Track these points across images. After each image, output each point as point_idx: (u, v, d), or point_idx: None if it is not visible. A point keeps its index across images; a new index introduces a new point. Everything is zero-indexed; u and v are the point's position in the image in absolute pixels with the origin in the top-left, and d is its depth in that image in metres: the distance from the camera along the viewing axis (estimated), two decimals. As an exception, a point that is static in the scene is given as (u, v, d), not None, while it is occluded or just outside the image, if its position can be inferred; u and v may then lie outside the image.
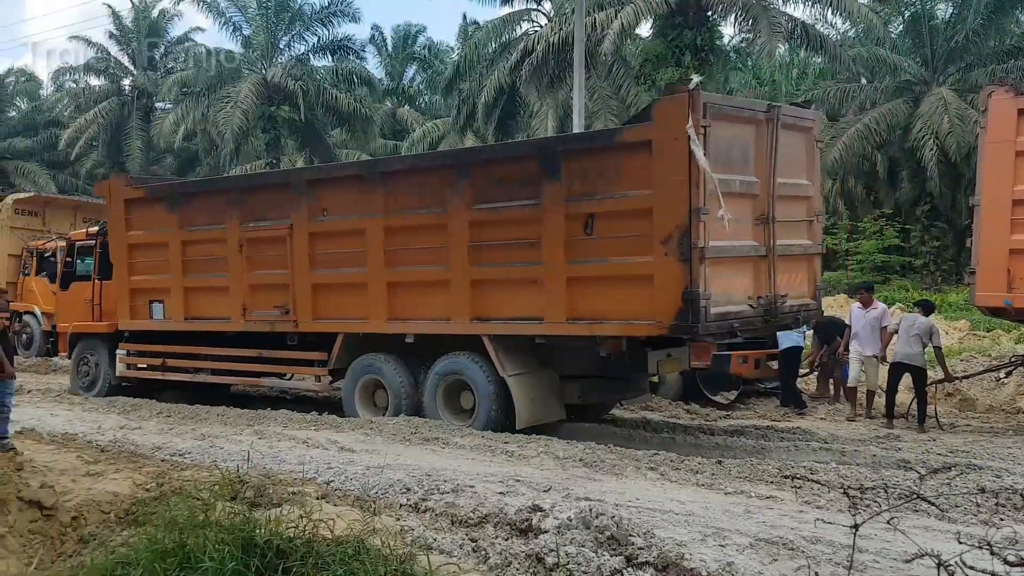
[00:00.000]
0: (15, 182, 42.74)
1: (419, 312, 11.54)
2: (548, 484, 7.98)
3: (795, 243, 11.11)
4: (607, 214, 10.07)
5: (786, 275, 10.87)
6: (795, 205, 11.14)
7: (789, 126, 10.87)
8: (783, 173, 10.66)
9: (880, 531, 5.30)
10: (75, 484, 7.37)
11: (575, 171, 10.24)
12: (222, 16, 38.36)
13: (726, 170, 9.85)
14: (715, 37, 30.36)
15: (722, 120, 9.90)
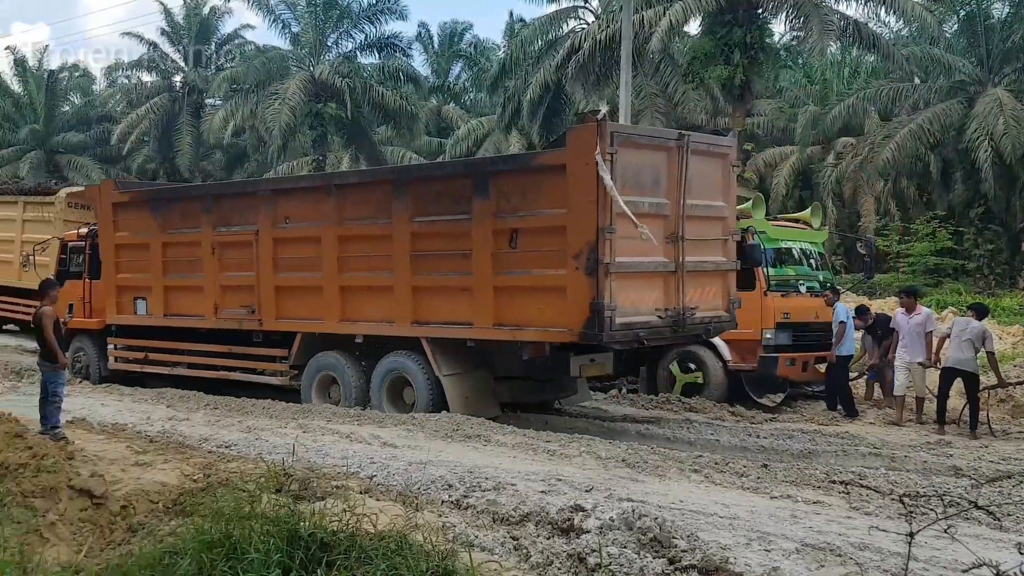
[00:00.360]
0: (68, 176, 43.54)
1: (367, 314, 12.45)
2: (590, 484, 7.95)
3: (707, 260, 11.93)
4: (529, 230, 10.97)
5: (697, 289, 11.74)
6: (708, 225, 11.94)
7: (701, 152, 11.76)
8: (694, 195, 11.50)
9: (930, 539, 5.21)
10: (124, 473, 7.48)
11: (502, 190, 11.15)
12: (272, 13, 38.77)
13: (635, 192, 10.74)
14: (765, 35, 29.91)
15: (630, 147, 10.82)
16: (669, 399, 14.18)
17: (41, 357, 10.10)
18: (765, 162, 36.44)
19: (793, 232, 15.50)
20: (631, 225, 10.41)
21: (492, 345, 11.71)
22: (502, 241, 11.14)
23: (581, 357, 11.68)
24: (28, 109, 49.41)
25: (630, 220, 10.33)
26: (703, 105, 34.79)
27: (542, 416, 12.83)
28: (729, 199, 12.39)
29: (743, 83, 28.80)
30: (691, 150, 11.46)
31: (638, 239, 10.49)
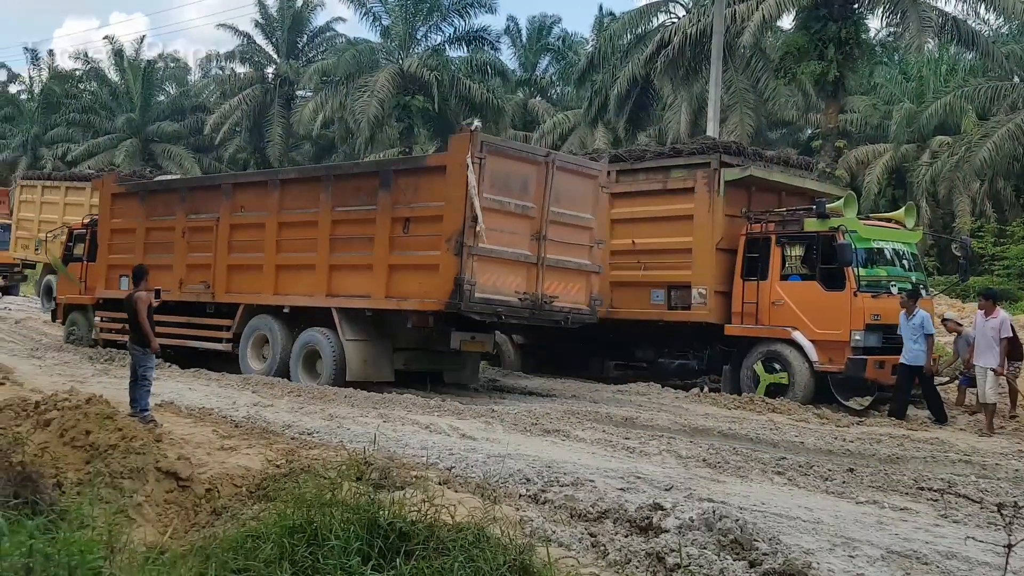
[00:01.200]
0: (162, 164, 44.87)
1: (295, 289, 14.71)
2: (670, 483, 7.87)
3: (570, 260, 13.86)
4: (417, 218, 13.25)
5: (559, 282, 13.73)
6: (572, 231, 13.90)
7: (569, 170, 13.95)
8: (561, 204, 13.57)
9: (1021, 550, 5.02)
10: (210, 457, 7.65)
11: (401, 186, 13.51)
12: (363, 7, 39.25)
13: (503, 194, 12.92)
14: (861, 30, 29.15)
15: (499, 156, 13.03)
16: (752, 399, 13.98)
17: (132, 341, 10.36)
18: (857, 160, 35.54)
19: (886, 232, 15.11)
20: (496, 218, 12.69)
21: (388, 316, 13.77)
22: (398, 228, 13.43)
23: (462, 333, 13.51)
24: (125, 98, 50.92)
25: (491, 214, 12.56)
26: (794, 101, 34.17)
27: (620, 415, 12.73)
28: (598, 213, 14.34)
29: (837, 79, 28.15)
30: (557, 166, 13.62)
31: (502, 231, 12.80)
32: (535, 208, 13.34)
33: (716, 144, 15.99)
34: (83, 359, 16.31)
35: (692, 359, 15.72)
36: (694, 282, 15.21)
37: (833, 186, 18.05)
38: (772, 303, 14.53)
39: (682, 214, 15.43)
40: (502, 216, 12.91)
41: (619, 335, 16.87)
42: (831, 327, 13.20)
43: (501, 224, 12.86)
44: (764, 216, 15.09)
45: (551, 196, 13.41)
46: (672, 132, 34.96)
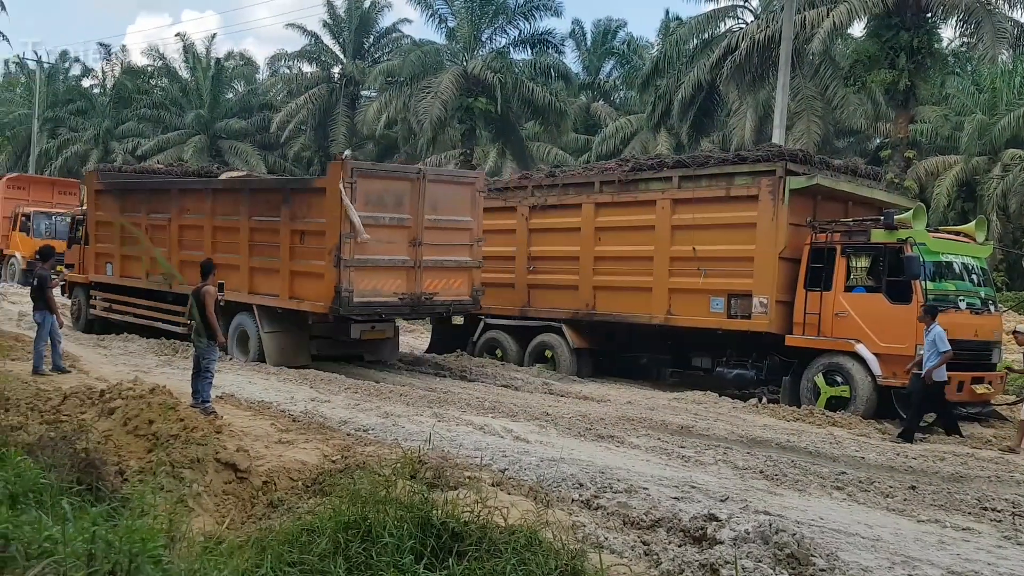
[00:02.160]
0: (229, 160, 45.63)
1: (228, 284, 16.07)
2: (725, 494, 7.79)
3: (450, 259, 15.89)
4: (309, 232, 15.33)
5: (439, 280, 15.77)
6: (452, 234, 15.88)
7: (443, 181, 16.34)
8: (438, 212, 15.57)
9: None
10: (267, 450, 7.76)
11: (296, 202, 15.69)
12: (429, 8, 39.42)
13: (376, 210, 14.92)
14: (933, 40, 28.65)
15: (370, 178, 15.14)
16: (812, 411, 13.74)
17: (196, 333, 10.57)
18: (927, 171, 34.82)
19: (955, 245, 14.75)
20: (372, 231, 14.65)
21: (295, 313, 15.64)
22: (296, 239, 15.54)
23: (362, 325, 15.78)
24: (194, 95, 51.85)
25: (367, 228, 14.51)
26: (863, 109, 33.59)
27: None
28: (476, 215, 16.22)
29: (908, 88, 27.71)
30: (430, 180, 15.74)
31: (380, 242, 14.82)
32: (411, 218, 15.28)
33: (782, 151, 15.76)
34: (147, 350, 16.67)
35: (750, 369, 15.51)
36: (755, 291, 15.01)
37: (901, 197, 17.72)
38: (835, 314, 14.27)
39: (745, 222, 15.23)
40: (377, 229, 14.86)
41: (677, 342, 16.75)
42: (896, 341, 12.91)
43: (377, 236, 14.82)
44: (830, 226, 14.82)
45: (426, 206, 15.38)
46: (736, 139, 34.64)
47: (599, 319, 17.30)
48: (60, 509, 4.64)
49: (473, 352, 19.05)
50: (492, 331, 18.95)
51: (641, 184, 16.78)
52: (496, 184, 20.23)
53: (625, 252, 16.80)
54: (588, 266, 17.31)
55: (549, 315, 17.93)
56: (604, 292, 17.13)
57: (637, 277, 16.51)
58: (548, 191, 18.27)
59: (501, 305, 18.80)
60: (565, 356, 17.61)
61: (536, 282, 18.30)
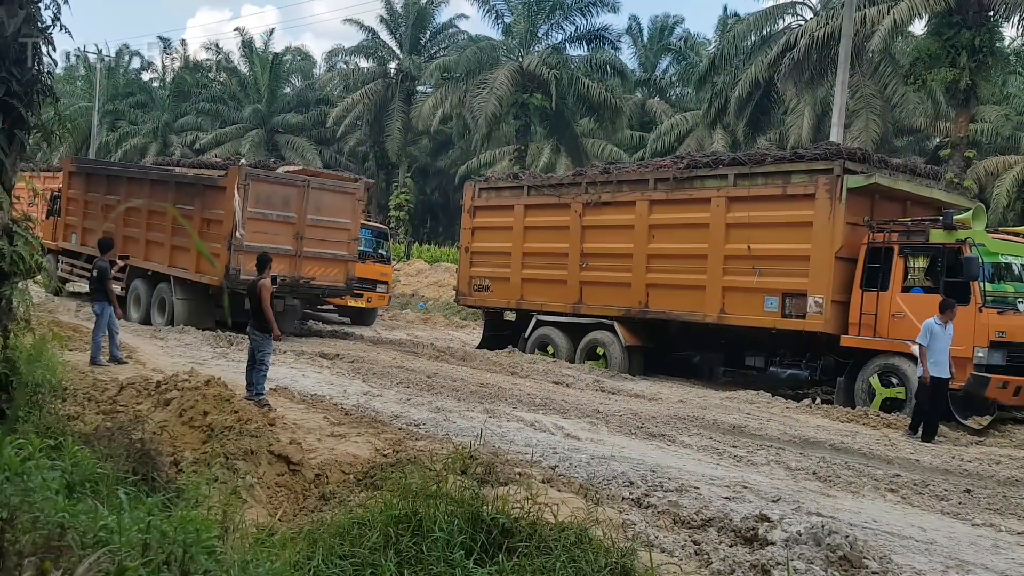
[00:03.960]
0: (285, 155, 46.10)
1: (155, 259, 19.97)
2: (777, 494, 7.73)
3: (327, 252, 19.39)
4: (212, 220, 18.69)
5: (317, 268, 19.26)
6: (331, 232, 19.43)
7: (326, 189, 19.71)
8: (318, 213, 19.14)
9: None
10: (320, 443, 7.85)
11: (206, 195, 19.23)
12: (486, 4, 39.50)
13: (266, 208, 18.49)
14: (995, 38, 28.01)
15: (261, 182, 18.74)
16: (867, 413, 13.58)
17: (252, 327, 10.69)
18: (987, 171, 34.04)
19: (1015, 246, 14.44)
20: (262, 224, 18.27)
21: (203, 284, 18.86)
22: (204, 225, 18.82)
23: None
24: (252, 89, 52.41)
25: (257, 221, 18.16)
26: (923, 108, 32.95)
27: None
28: (353, 219, 19.90)
29: (968, 87, 27.13)
30: (314, 187, 19.31)
31: (268, 233, 18.22)
32: (296, 216, 18.84)
33: (840, 150, 15.54)
34: (203, 342, 16.96)
35: (804, 369, 15.34)
36: (811, 290, 14.85)
37: (961, 197, 17.38)
38: (892, 315, 14.07)
39: (801, 220, 15.07)
40: (266, 223, 18.44)
41: (730, 341, 16.63)
42: (955, 343, 12.68)
43: (265, 228, 18.38)
44: (887, 225, 14.61)
45: (310, 208, 18.99)
46: (793, 137, 34.20)
47: (652, 317, 17.24)
48: (116, 499, 4.71)
49: (524, 349, 19.10)
50: (544, 328, 18.98)
51: (696, 182, 16.68)
52: (550, 180, 20.26)
53: (679, 250, 16.72)
54: (641, 264, 17.25)
55: (601, 312, 17.91)
56: (657, 290, 17.06)
57: (691, 275, 16.43)
58: (602, 188, 18.25)
59: (553, 302, 18.83)
60: (617, 354, 17.58)
61: (589, 279, 18.29)
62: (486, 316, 21.56)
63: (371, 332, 22.96)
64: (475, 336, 22.76)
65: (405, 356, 17.26)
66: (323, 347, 17.35)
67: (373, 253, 25.44)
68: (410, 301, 32.96)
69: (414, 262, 39.87)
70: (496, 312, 20.95)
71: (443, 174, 52.15)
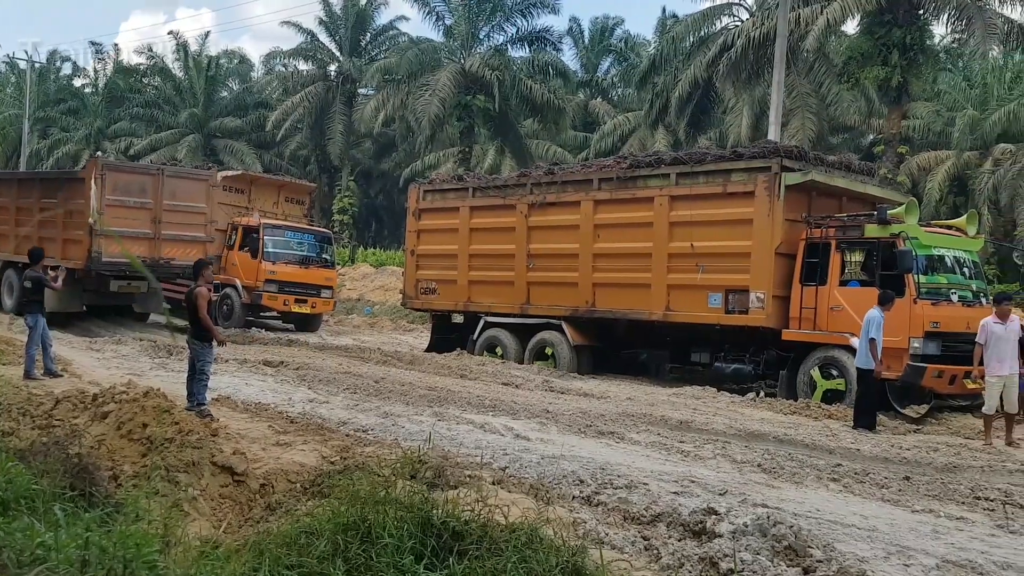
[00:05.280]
0: (224, 160, 45.40)
1: (22, 252, 19.81)
2: (724, 487, 7.85)
3: (185, 234, 21.15)
4: (75, 211, 20.50)
5: (177, 249, 20.91)
6: (188, 216, 21.31)
7: (180, 176, 22.01)
8: (173, 199, 21.04)
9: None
10: (265, 452, 7.74)
11: (68, 188, 21.27)
12: (426, 6, 39.31)
13: (124, 195, 20.45)
14: (925, 36, 28.75)
15: (118, 172, 21.17)
16: (809, 405, 13.86)
17: (191, 335, 10.50)
18: (919, 166, 34.97)
19: (947, 239, 14.84)
20: (120, 211, 20.17)
21: (76, 271, 19.70)
22: (68, 216, 20.64)
23: (120, 280, 20.84)
24: (188, 93, 51.41)
25: (116, 208, 20.07)
26: (857, 106, 33.69)
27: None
28: (209, 203, 21.83)
29: (900, 85, 27.82)
30: (168, 175, 21.52)
31: (127, 218, 20.21)
32: (153, 203, 20.73)
33: (777, 148, 15.81)
34: (140, 352, 16.68)
35: (748, 363, 15.58)
36: (752, 286, 15.09)
37: (894, 192, 17.78)
38: (831, 308, 14.36)
39: (742, 218, 15.31)
40: (125, 209, 20.31)
41: (676, 338, 16.82)
42: (890, 334, 12.96)
43: (124, 214, 20.25)
44: (824, 221, 14.90)
45: (166, 194, 20.87)
46: (733, 135, 34.70)
47: (599, 316, 17.36)
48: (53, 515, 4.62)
49: (473, 351, 19.10)
50: (492, 329, 19.01)
51: (639, 181, 16.84)
52: (495, 182, 20.29)
53: (624, 249, 16.86)
54: (587, 263, 17.37)
55: (549, 312, 17.99)
56: (604, 289, 17.19)
57: (636, 274, 16.59)
58: (547, 188, 18.32)
59: (501, 303, 18.86)
60: (565, 353, 17.67)
61: (536, 280, 18.36)
62: (434, 319, 21.52)
63: (316, 338, 22.75)
64: (423, 339, 22.71)
65: (352, 361, 17.15)
66: (267, 354, 17.12)
67: (317, 258, 25.22)
68: (356, 306, 32.78)
69: (359, 266, 39.65)
70: (444, 315, 20.92)
71: (387, 177, 51.88)
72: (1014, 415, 12.17)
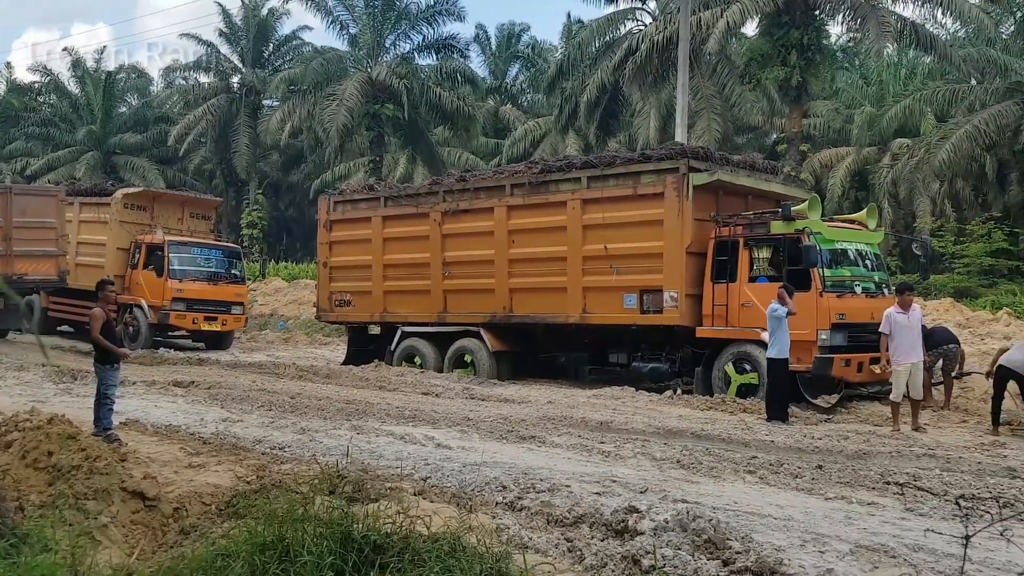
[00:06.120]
0: (124, 177, 44.11)
1: None
2: (645, 485, 7.93)
3: (36, 249, 21.53)
4: None
5: (29, 264, 21.41)
6: (39, 231, 21.62)
7: (28, 194, 23.42)
8: (24, 216, 21.42)
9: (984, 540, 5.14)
10: (177, 475, 7.54)
11: None
12: (330, 15, 38.94)
13: None
14: (822, 36, 29.66)
15: None
16: (724, 400, 14.11)
17: (95, 358, 10.18)
18: (821, 163, 35.99)
19: (849, 233, 15.29)
20: None
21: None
22: None
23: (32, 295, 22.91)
24: (85, 110, 49.76)
25: None
26: (760, 106, 34.50)
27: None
28: (59, 219, 22.06)
29: (800, 84, 28.59)
30: (16, 193, 22.21)
31: None
32: (3, 221, 21.17)
33: (684, 149, 16.09)
34: (44, 378, 16.06)
35: (665, 362, 15.81)
36: (666, 286, 15.30)
37: (798, 189, 18.24)
38: (741, 305, 14.65)
39: (653, 219, 15.51)
40: None
41: (594, 340, 16.96)
42: (798, 327, 13.29)
43: None
44: (732, 220, 15.21)
45: (15, 212, 21.33)
46: (642, 138, 35.17)
47: (517, 321, 17.40)
48: (-46, 551, 4.44)
49: (391, 362, 18.95)
50: (410, 339, 18.89)
51: (551, 186, 16.94)
52: (407, 191, 20.18)
53: (539, 253, 16.94)
54: (503, 269, 17.39)
55: (467, 320, 17.96)
56: (520, 294, 17.23)
57: (552, 278, 16.67)
58: (460, 196, 18.30)
59: (418, 312, 18.76)
60: (484, 360, 17.65)
61: (452, 287, 18.31)
62: (350, 331, 21.29)
63: (228, 356, 22.27)
64: (339, 353, 22.43)
65: (266, 378, 16.84)
66: (176, 375, 16.67)
67: (226, 274, 24.66)
68: (269, 321, 32.22)
69: (271, 281, 39.01)
70: (360, 327, 20.71)
71: (297, 189, 51.19)
72: (919, 401, 12.58)
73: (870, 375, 14.00)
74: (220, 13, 46.57)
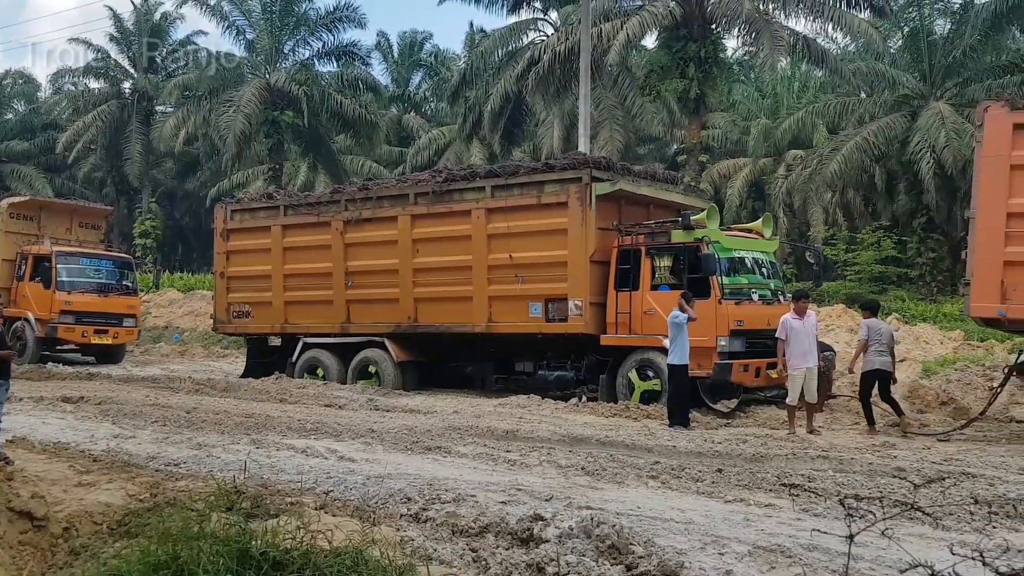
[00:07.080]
0: (10, 185, 42.40)
1: None
2: (550, 493, 7.92)
3: None
4: None
5: None
6: None
7: None
8: None
9: (875, 539, 5.28)
10: (66, 494, 7.22)
11: None
12: (225, 20, 38.18)
13: None
14: (719, 49, 30.41)
15: None
16: (628, 406, 14.26)
17: None
18: (720, 173, 36.91)
19: (746, 242, 15.66)
20: None
21: None
22: None
23: None
24: (-32, 117, 48.12)
25: None
26: (660, 117, 35.17)
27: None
28: None
29: (698, 96, 29.22)
30: None
31: None
32: None
33: (587, 159, 16.23)
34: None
35: (570, 370, 15.91)
36: (570, 294, 15.40)
37: (697, 199, 18.59)
38: (644, 312, 14.85)
39: (557, 228, 15.61)
40: None
41: (500, 348, 16.95)
42: (698, 334, 13.52)
43: None
44: (634, 229, 15.42)
45: None
46: (546, 147, 35.44)
47: (422, 331, 17.28)
48: None
49: (293, 374, 18.60)
50: (312, 350, 18.57)
51: (455, 195, 16.89)
52: (308, 199, 19.86)
53: (444, 263, 16.86)
54: (408, 278, 17.25)
55: (371, 330, 17.75)
56: (425, 304, 17.12)
57: (457, 287, 16.62)
58: (362, 205, 18.09)
59: (320, 323, 18.46)
60: (389, 371, 17.47)
61: (355, 297, 18.08)
62: (249, 343, 20.83)
63: (121, 370, 21.55)
64: (238, 365, 21.93)
65: (160, 392, 16.32)
66: (65, 390, 16.01)
67: (117, 285, 23.95)
68: (163, 333, 31.30)
69: (165, 292, 37.86)
70: (259, 338, 20.27)
71: (192, 197, 49.96)
72: (815, 404, 12.94)
73: (767, 380, 14.38)
74: (111, 17, 45.24)
